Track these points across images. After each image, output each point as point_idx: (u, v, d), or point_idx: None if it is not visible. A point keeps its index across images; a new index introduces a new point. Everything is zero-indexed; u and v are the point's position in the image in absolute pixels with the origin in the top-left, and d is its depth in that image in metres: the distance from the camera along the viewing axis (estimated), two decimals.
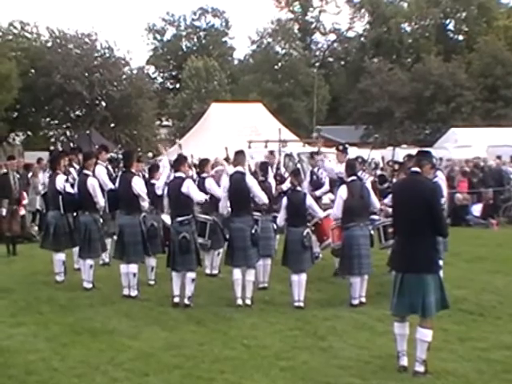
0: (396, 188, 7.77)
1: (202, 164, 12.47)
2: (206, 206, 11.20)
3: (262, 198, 10.23)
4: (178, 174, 10.34)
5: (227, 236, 11.11)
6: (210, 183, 11.37)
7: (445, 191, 11.11)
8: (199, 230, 10.62)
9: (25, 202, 16.13)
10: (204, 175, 11.96)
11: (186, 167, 10.52)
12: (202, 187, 11.49)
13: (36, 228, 16.95)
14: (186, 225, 10.13)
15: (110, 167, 13.24)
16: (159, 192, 11.28)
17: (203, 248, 11.20)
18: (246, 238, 10.07)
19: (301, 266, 10.10)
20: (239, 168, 10.34)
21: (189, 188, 10.13)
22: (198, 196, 10.26)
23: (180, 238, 10.04)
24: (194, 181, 11.42)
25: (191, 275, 10.12)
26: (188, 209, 10.21)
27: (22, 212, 15.93)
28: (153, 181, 11.63)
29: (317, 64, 58.33)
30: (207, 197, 10.64)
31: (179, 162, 10.53)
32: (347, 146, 13.55)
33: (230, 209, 10.38)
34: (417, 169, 7.22)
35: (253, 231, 10.11)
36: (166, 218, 11.84)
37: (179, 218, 10.15)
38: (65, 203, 11.66)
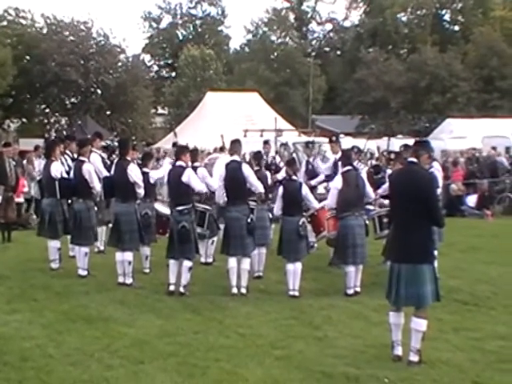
0: (393, 178, 7.76)
1: (193, 154, 12.44)
2: (202, 195, 11.20)
3: (258, 187, 10.24)
4: (179, 163, 10.33)
5: (220, 225, 11.15)
6: (202, 173, 11.37)
7: (440, 182, 11.13)
8: (198, 220, 10.64)
9: (25, 189, 16.09)
10: (196, 164, 11.95)
11: (186, 157, 10.49)
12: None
13: (34, 217, 16.89)
14: (185, 214, 10.12)
15: (104, 155, 13.21)
16: (152, 181, 11.38)
17: (201, 237, 11.21)
18: (242, 227, 10.07)
19: (296, 255, 10.11)
20: (235, 157, 10.33)
21: (189, 177, 10.12)
22: (199, 186, 10.25)
23: (179, 228, 10.03)
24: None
25: (188, 264, 10.13)
26: (188, 198, 10.19)
27: (20, 199, 15.89)
28: (145, 169, 11.61)
29: (313, 53, 58.23)
30: (205, 188, 10.64)
31: (180, 152, 10.54)
32: (342, 135, 13.58)
33: (225, 198, 10.38)
34: (414, 159, 7.21)
35: (249, 220, 10.11)
36: (159, 207, 11.85)
37: (179, 207, 10.13)
38: (61, 189, 11.63)
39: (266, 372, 6.87)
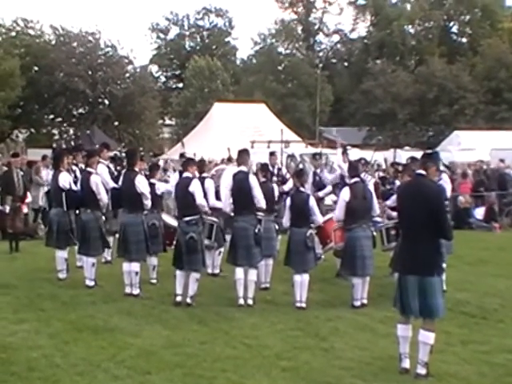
0: (401, 190, 7.76)
1: (201, 164, 12.51)
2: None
3: (260, 200, 10.20)
4: (186, 174, 10.38)
5: (227, 236, 11.15)
6: (208, 186, 11.37)
7: (449, 193, 11.12)
8: (206, 232, 10.65)
9: (28, 200, 16.13)
10: (204, 175, 12.00)
11: (193, 168, 10.55)
12: (202, 187, 11.55)
13: (43, 227, 16.92)
14: (193, 225, 10.14)
15: (111, 166, 13.25)
16: (159, 192, 11.47)
17: (209, 249, 11.23)
18: (249, 237, 10.08)
19: (304, 267, 10.10)
20: (243, 167, 10.34)
21: (195, 189, 10.16)
22: (201, 200, 10.26)
23: (187, 239, 10.03)
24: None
25: (196, 275, 10.13)
26: (195, 209, 10.20)
27: (25, 210, 15.93)
28: (152, 180, 11.65)
29: (320, 65, 58.31)
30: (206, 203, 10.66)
31: (187, 163, 10.64)
32: (349, 147, 13.58)
33: (232, 207, 10.39)
34: (422, 171, 7.21)
35: (256, 230, 10.11)
36: (166, 217, 11.87)
37: (186, 218, 10.15)
38: (68, 199, 11.66)
39: (272, 383, 6.86)
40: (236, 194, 10.22)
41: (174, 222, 11.33)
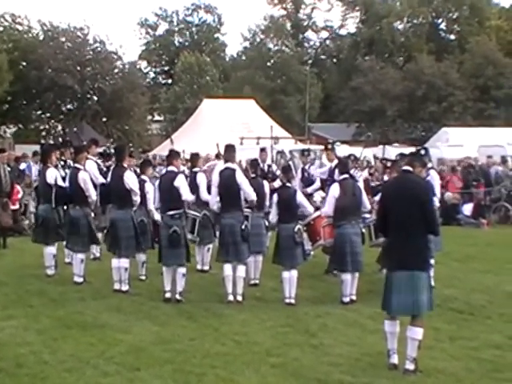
0: (388, 186, 7.78)
1: (194, 159, 12.54)
2: (198, 201, 11.23)
3: (250, 194, 10.20)
4: (171, 168, 10.36)
5: (217, 232, 11.13)
6: (200, 180, 11.35)
7: (438, 190, 11.15)
8: (189, 226, 10.62)
9: (19, 195, 16.07)
10: (196, 170, 12.00)
11: (178, 162, 10.54)
12: (193, 182, 11.53)
13: (27, 222, 16.86)
14: (176, 219, 10.14)
15: (100, 161, 13.20)
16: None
17: (192, 243, 11.18)
18: (236, 234, 10.07)
19: (293, 262, 10.11)
20: (229, 164, 10.32)
21: (181, 184, 10.14)
22: (187, 195, 10.24)
23: (171, 232, 10.03)
24: (187, 177, 11.44)
25: (182, 270, 10.13)
26: (180, 203, 10.21)
27: (15, 206, 15.86)
28: (143, 176, 11.62)
29: (309, 61, 58.33)
30: (194, 198, 10.65)
31: (172, 157, 10.60)
32: (338, 143, 13.58)
33: (219, 204, 10.38)
34: (409, 168, 7.24)
35: (243, 227, 10.11)
36: (156, 215, 11.84)
37: (170, 212, 10.14)
38: (56, 196, 11.61)
39: (261, 379, 6.87)
40: (223, 190, 10.19)
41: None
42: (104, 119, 41.11)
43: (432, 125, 45.36)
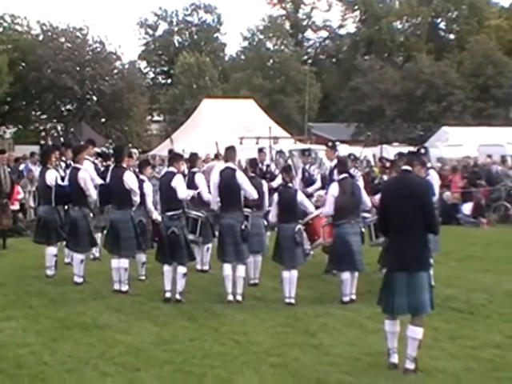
0: (387, 186, 7.77)
1: (193, 159, 12.53)
2: (196, 201, 11.23)
3: (252, 193, 10.20)
4: (171, 169, 10.37)
5: (216, 232, 11.12)
6: (199, 180, 11.33)
7: (437, 189, 11.14)
8: (191, 227, 10.61)
9: (20, 196, 16.05)
10: (195, 170, 11.99)
11: (179, 164, 10.53)
12: (192, 182, 11.53)
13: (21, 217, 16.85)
14: (175, 219, 10.13)
15: (97, 162, 13.20)
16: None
17: (195, 244, 11.19)
18: (236, 234, 10.06)
19: (293, 262, 10.11)
20: (229, 164, 10.32)
21: (177, 183, 10.12)
22: (182, 193, 10.20)
23: (169, 233, 10.05)
24: (185, 176, 11.44)
25: (182, 270, 10.12)
26: (178, 203, 10.20)
27: (15, 207, 15.85)
28: (142, 176, 11.62)
29: (308, 61, 58.30)
30: (193, 193, 10.65)
31: (174, 159, 10.64)
32: (338, 143, 13.57)
33: (219, 204, 10.38)
34: (408, 167, 7.24)
35: (242, 227, 10.10)
36: (154, 214, 11.83)
37: (169, 213, 10.14)
38: (56, 196, 11.62)
39: (261, 379, 6.86)
40: (223, 190, 10.19)
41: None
42: (103, 120, 41.11)
43: (431, 124, 45.33)
